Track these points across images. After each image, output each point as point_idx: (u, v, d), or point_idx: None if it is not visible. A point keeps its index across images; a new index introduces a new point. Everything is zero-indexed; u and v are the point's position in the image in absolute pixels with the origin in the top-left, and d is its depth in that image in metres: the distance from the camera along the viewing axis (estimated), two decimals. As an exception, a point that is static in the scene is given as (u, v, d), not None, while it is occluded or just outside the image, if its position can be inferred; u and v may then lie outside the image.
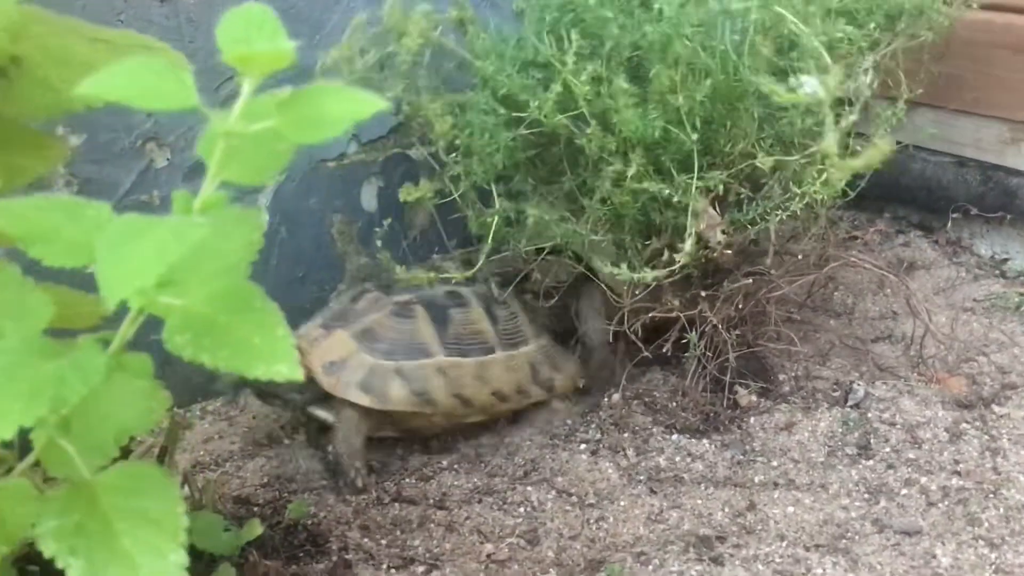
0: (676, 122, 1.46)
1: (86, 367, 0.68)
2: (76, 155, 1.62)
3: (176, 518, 0.72)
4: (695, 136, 1.45)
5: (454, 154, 1.65)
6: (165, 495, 0.74)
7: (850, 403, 1.79)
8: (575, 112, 1.51)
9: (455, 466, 1.69)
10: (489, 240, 1.60)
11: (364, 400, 1.59)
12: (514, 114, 1.56)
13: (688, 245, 1.43)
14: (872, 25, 1.60)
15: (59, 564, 0.68)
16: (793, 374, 1.87)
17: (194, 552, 1.25)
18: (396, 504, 1.59)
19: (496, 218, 1.57)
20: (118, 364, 0.72)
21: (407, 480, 1.65)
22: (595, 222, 1.57)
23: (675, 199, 1.49)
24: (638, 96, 1.48)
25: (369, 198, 1.99)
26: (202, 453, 1.73)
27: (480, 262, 1.63)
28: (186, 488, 1.40)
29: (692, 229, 1.43)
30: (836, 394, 1.82)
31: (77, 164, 1.64)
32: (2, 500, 0.74)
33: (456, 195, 1.68)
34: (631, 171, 1.49)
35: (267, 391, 1.63)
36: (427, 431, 1.73)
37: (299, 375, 0.67)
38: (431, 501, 1.60)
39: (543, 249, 1.65)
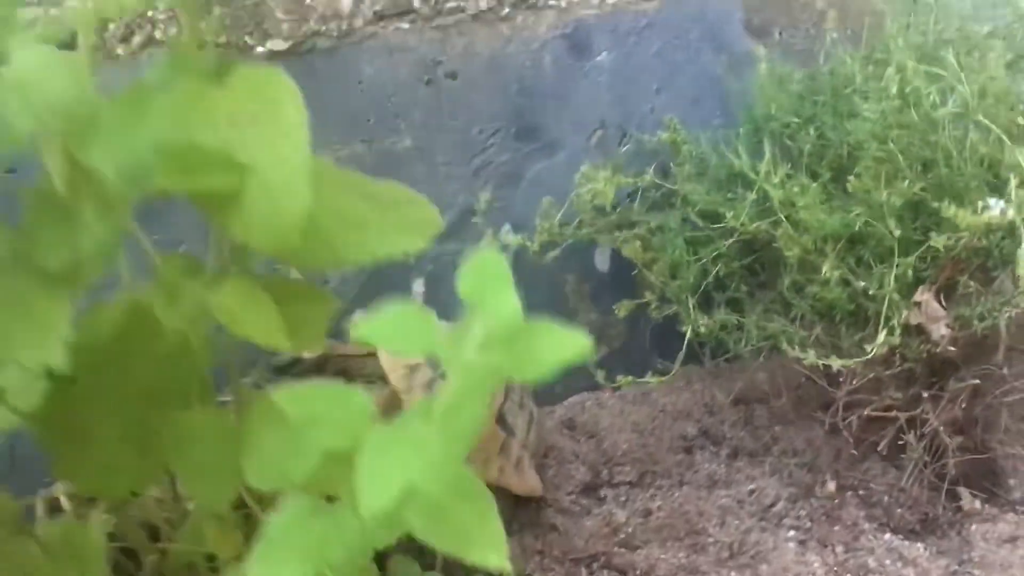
0: (878, 217, 1.48)
1: (343, 527, 0.83)
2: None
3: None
4: (898, 232, 1.48)
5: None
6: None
7: (1089, 517, 1.70)
8: (773, 219, 1.57)
9: (664, 536, 1.78)
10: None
11: None
12: (713, 225, 1.64)
13: (881, 336, 1.44)
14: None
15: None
16: (1028, 480, 1.80)
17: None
18: (604, 571, 1.70)
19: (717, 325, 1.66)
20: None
21: (617, 549, 1.75)
22: (805, 317, 1.61)
23: (870, 291, 1.51)
24: (833, 195, 1.52)
25: (602, 260, 2.09)
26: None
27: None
28: None
29: (885, 318, 1.45)
30: (1075, 506, 1.74)
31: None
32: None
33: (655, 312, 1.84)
34: (825, 267, 1.53)
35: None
36: None
37: (508, 567, 0.79)
38: (638, 572, 1.69)
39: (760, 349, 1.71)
